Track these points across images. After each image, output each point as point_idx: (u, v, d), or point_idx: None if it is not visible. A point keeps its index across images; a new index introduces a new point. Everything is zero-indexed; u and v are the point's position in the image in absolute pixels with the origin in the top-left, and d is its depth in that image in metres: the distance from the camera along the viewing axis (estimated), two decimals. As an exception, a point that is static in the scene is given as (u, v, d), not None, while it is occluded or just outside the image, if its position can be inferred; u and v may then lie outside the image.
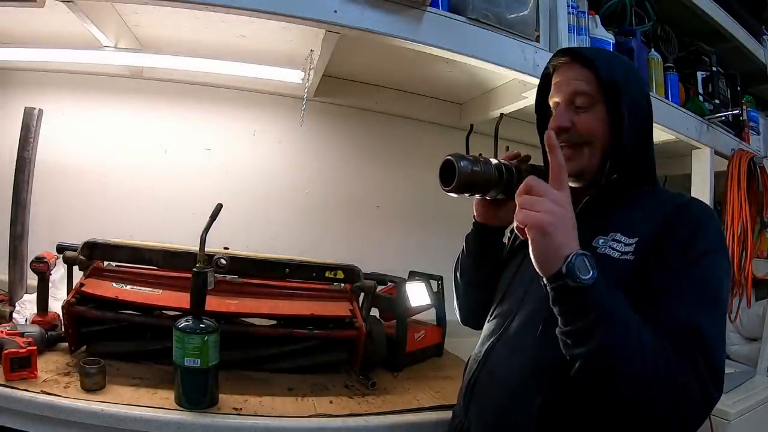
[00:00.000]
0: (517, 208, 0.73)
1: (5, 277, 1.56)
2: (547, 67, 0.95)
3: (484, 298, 1.03)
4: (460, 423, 0.97)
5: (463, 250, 1.07)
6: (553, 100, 0.92)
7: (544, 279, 0.72)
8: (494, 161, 0.90)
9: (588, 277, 0.68)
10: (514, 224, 0.74)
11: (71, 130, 1.87)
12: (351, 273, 1.43)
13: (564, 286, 0.69)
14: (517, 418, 0.83)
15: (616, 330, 0.68)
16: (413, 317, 1.69)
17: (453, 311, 1.17)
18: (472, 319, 1.10)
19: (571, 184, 0.89)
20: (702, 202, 0.88)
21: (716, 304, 0.74)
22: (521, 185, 0.75)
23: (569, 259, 0.68)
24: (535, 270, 0.74)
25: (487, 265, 1.04)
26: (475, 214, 1.01)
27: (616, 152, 0.86)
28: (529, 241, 0.72)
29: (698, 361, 0.68)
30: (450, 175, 0.85)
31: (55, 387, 1.07)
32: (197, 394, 1.09)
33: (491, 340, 0.94)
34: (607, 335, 0.68)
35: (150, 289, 1.32)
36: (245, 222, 1.91)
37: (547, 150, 0.75)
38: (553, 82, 0.93)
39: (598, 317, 0.68)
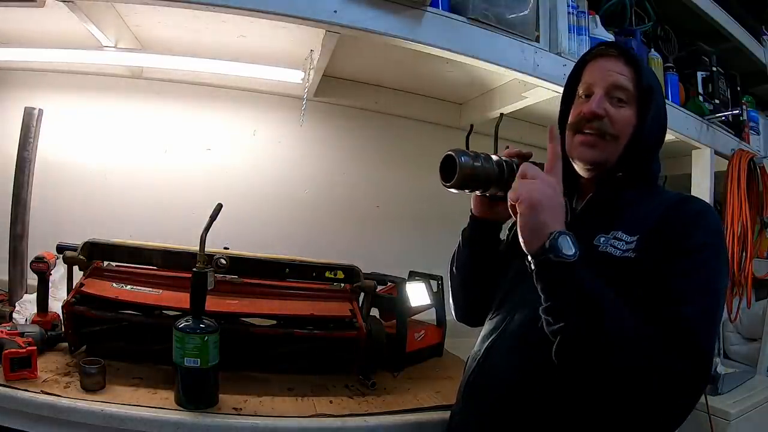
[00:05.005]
0: (513, 188, 0.78)
1: (5, 277, 1.56)
2: (584, 56, 0.95)
3: (479, 294, 1.03)
4: (460, 421, 0.97)
5: (459, 244, 1.06)
6: (587, 84, 0.91)
7: (529, 257, 0.75)
8: (495, 157, 0.89)
9: (571, 253, 0.71)
10: (508, 202, 0.78)
11: (71, 130, 1.87)
12: (351, 273, 1.43)
13: (546, 260, 0.72)
14: (515, 416, 0.84)
15: (596, 306, 0.71)
16: (413, 317, 1.69)
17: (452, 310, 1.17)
18: (466, 315, 1.10)
19: (584, 174, 0.91)
20: (701, 199, 0.90)
21: (708, 293, 0.75)
22: (519, 169, 0.80)
23: (552, 236, 0.72)
24: None
25: (483, 260, 1.03)
26: (473, 209, 1.01)
27: (634, 153, 0.87)
28: (518, 216, 0.76)
29: (677, 349, 0.69)
30: (451, 171, 0.84)
31: (55, 387, 1.07)
32: (197, 394, 1.09)
33: (491, 338, 0.94)
34: (587, 310, 0.70)
35: (150, 289, 1.32)
36: (245, 222, 1.91)
37: (548, 140, 0.80)
38: (588, 70, 0.92)
39: (578, 292, 0.71)
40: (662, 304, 0.73)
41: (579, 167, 0.92)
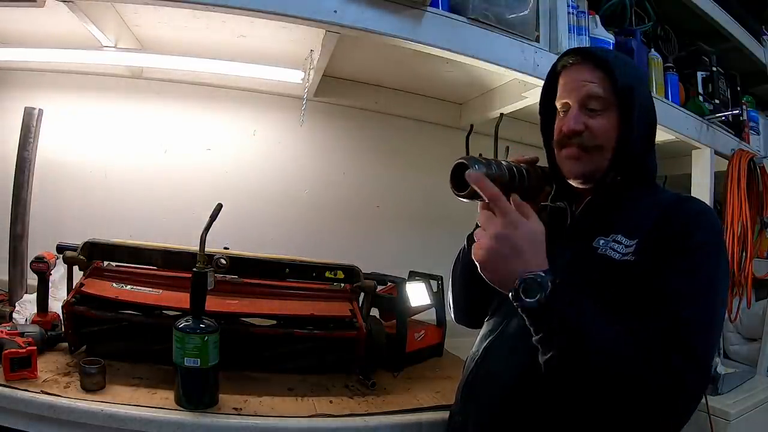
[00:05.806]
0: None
1: (5, 277, 1.56)
2: (554, 67, 0.93)
3: (480, 296, 1.02)
4: (458, 422, 0.97)
5: (464, 247, 1.06)
6: (562, 101, 0.89)
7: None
8: (505, 163, 0.88)
9: (534, 300, 0.70)
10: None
11: (71, 130, 1.87)
12: (351, 273, 1.43)
13: (519, 306, 0.73)
14: (514, 416, 0.84)
15: (570, 336, 0.70)
16: (413, 317, 1.69)
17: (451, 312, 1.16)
18: (467, 315, 1.10)
19: (577, 186, 0.90)
20: (700, 199, 0.89)
21: (708, 294, 0.74)
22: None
23: (516, 284, 0.72)
24: None
25: None
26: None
27: (624, 156, 0.85)
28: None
29: (679, 353, 0.68)
30: (463, 179, 0.83)
31: (55, 387, 1.07)
32: (197, 394, 1.09)
33: (490, 338, 0.94)
34: (563, 342, 0.71)
35: (150, 289, 1.32)
36: (245, 222, 1.91)
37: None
38: (561, 83, 0.90)
39: (551, 328, 0.71)
40: (662, 307, 0.73)
41: (571, 180, 0.91)
